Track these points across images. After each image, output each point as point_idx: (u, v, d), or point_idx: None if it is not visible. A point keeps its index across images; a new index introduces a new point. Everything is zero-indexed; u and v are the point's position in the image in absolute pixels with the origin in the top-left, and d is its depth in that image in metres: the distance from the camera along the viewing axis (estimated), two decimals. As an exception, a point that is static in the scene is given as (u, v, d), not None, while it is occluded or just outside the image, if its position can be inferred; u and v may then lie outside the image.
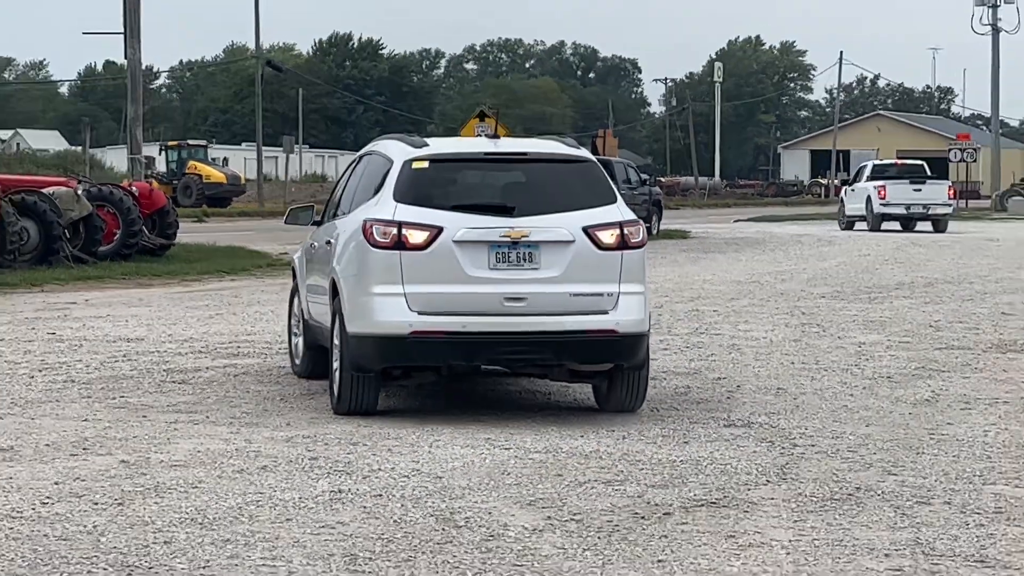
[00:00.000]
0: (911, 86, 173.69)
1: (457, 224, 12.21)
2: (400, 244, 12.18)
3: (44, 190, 34.21)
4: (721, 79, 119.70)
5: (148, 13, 45.05)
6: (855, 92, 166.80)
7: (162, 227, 38.08)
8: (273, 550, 8.86)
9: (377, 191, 13.25)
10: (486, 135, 14.08)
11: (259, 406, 15.00)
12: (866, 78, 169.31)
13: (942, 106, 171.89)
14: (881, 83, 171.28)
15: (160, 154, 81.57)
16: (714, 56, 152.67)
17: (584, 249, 12.38)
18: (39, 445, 12.62)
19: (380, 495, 10.64)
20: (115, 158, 67.04)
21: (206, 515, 9.82)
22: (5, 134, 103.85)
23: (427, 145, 13.23)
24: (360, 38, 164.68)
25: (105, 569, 8.35)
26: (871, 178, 72.32)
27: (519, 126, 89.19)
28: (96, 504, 10.13)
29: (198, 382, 16.96)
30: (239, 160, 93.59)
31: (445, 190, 12.88)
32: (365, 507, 10.21)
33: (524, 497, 10.56)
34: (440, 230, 12.15)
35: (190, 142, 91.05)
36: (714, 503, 10.27)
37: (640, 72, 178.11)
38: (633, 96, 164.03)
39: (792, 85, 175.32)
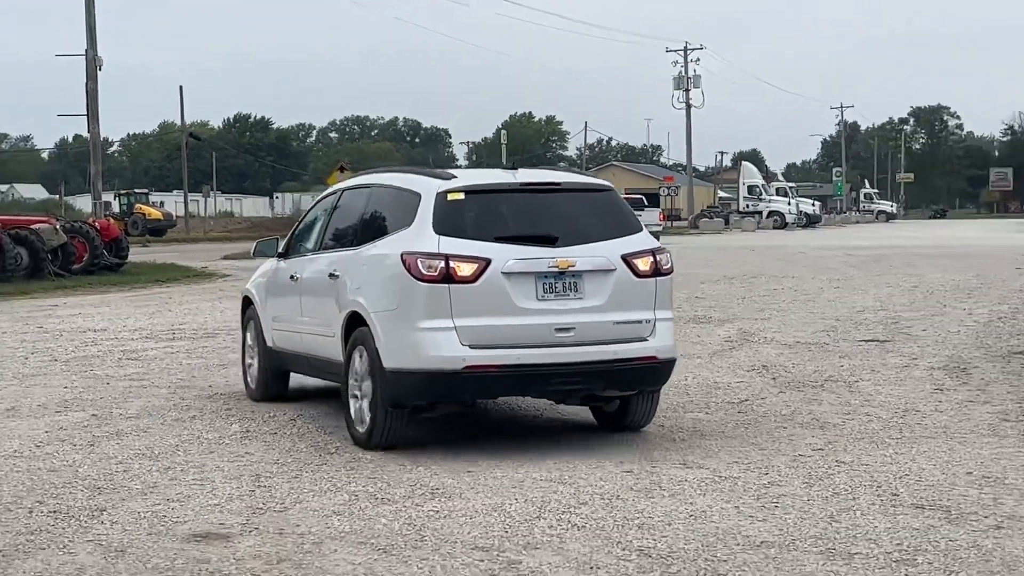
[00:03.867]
0: (634, 144, 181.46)
1: (504, 255, 9.92)
2: (448, 277, 9.81)
3: (32, 226, 37.06)
4: (506, 142, 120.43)
5: (103, 97, 46.17)
6: (596, 149, 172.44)
7: (117, 251, 40.14)
8: (201, 473, 9.91)
9: (403, 224, 10.58)
10: (504, 167, 11.35)
11: (189, 375, 15.92)
12: (603, 140, 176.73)
13: (654, 158, 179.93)
14: (614, 143, 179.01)
15: (115, 199, 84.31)
16: (500, 125, 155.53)
17: (624, 277, 10.26)
18: (33, 405, 13.52)
19: (275, 432, 11.67)
20: (83, 203, 68.58)
21: (153, 451, 10.85)
22: (4, 187, 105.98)
23: (455, 177, 10.67)
24: (255, 116, 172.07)
25: (82, 490, 9.37)
26: None
27: None
28: (75, 446, 11.13)
29: (145, 359, 17.77)
30: (171, 202, 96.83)
31: (484, 221, 10.35)
32: (266, 442, 11.21)
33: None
34: (488, 262, 9.85)
35: (136, 190, 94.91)
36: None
37: (451, 137, 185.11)
38: (446, 155, 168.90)
39: (554, 145, 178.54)
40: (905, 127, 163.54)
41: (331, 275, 11.40)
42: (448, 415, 11.27)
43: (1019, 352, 16.58)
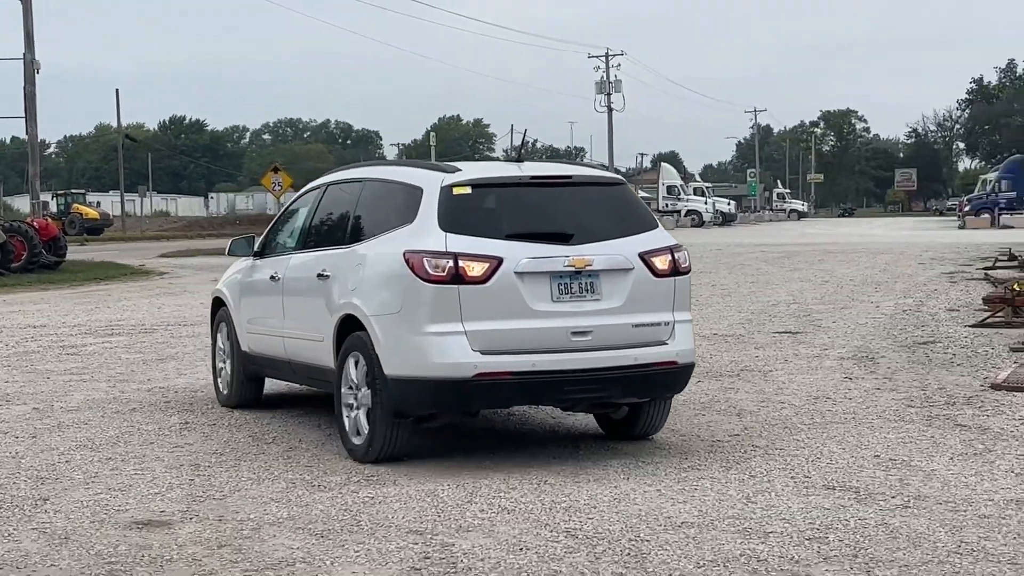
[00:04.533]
0: (559, 147, 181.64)
1: (517, 254, 8.82)
2: (458, 277, 8.69)
3: None
4: (435, 143, 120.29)
5: (41, 100, 45.83)
6: (522, 151, 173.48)
7: (55, 249, 39.73)
8: (142, 463, 9.90)
9: (404, 220, 9.44)
10: (508, 159, 10.26)
11: (128, 368, 15.82)
12: (529, 141, 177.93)
13: (578, 159, 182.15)
14: (539, 145, 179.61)
15: (52, 199, 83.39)
16: (430, 128, 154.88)
17: (642, 277, 9.20)
18: None
19: (214, 424, 11.64)
20: (21, 203, 67.90)
21: (94, 442, 10.80)
22: None
23: (460, 170, 9.51)
24: (189, 118, 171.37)
25: (25, 480, 9.36)
26: None
27: (300, 177, 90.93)
28: (17, 438, 11.08)
29: (84, 353, 17.66)
30: (108, 202, 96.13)
31: (493, 217, 9.29)
32: (204, 433, 11.19)
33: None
34: (500, 261, 8.74)
35: (73, 191, 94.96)
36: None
37: (381, 139, 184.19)
38: (377, 155, 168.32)
39: (481, 147, 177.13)
40: (815, 130, 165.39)
41: (319, 275, 10.21)
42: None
43: (923, 342, 16.80)
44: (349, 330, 9.58)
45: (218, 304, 12.74)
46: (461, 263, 8.74)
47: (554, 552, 7.23)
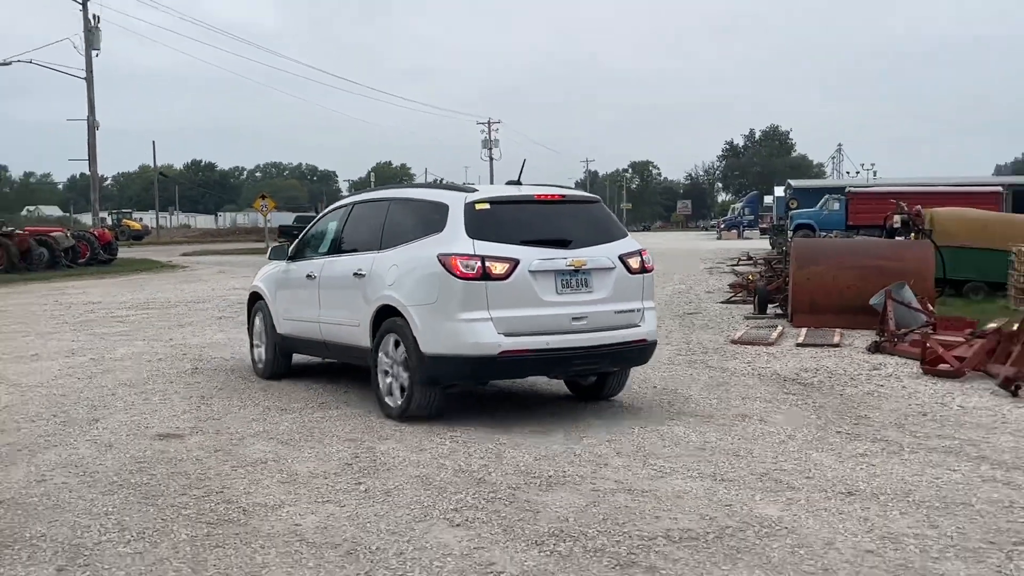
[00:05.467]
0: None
1: (530, 256, 8.24)
2: (485, 275, 8.07)
3: (51, 234, 36.87)
4: (374, 181, 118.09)
5: (100, 147, 45.60)
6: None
7: (109, 251, 39.28)
8: (165, 396, 9.92)
9: (433, 230, 8.59)
10: (508, 182, 9.62)
11: (157, 331, 15.63)
12: (438, 180, 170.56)
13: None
14: (444, 181, 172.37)
15: (108, 216, 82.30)
16: (370, 169, 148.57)
17: (621, 274, 8.64)
18: (51, 352, 13.24)
19: (215, 369, 11.59)
20: (86, 219, 66.91)
21: (132, 381, 10.80)
22: (32, 208, 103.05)
23: (477, 190, 8.87)
24: (204, 160, 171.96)
25: (83, 407, 9.38)
26: None
27: (281, 202, 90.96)
28: (79, 378, 11.03)
29: (127, 321, 17.46)
30: (147, 218, 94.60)
31: (508, 227, 8.52)
32: (208, 375, 11.18)
33: None
34: (517, 262, 8.17)
35: (123, 210, 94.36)
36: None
37: (337, 176, 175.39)
38: (335, 188, 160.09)
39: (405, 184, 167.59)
40: (626, 174, 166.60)
41: (356, 274, 9.25)
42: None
43: (689, 313, 17.13)
44: (385, 316, 8.77)
45: (255, 298, 11.44)
46: (487, 264, 8.09)
47: (441, 451, 7.47)
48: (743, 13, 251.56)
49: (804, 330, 13.75)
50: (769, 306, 16.79)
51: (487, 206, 8.52)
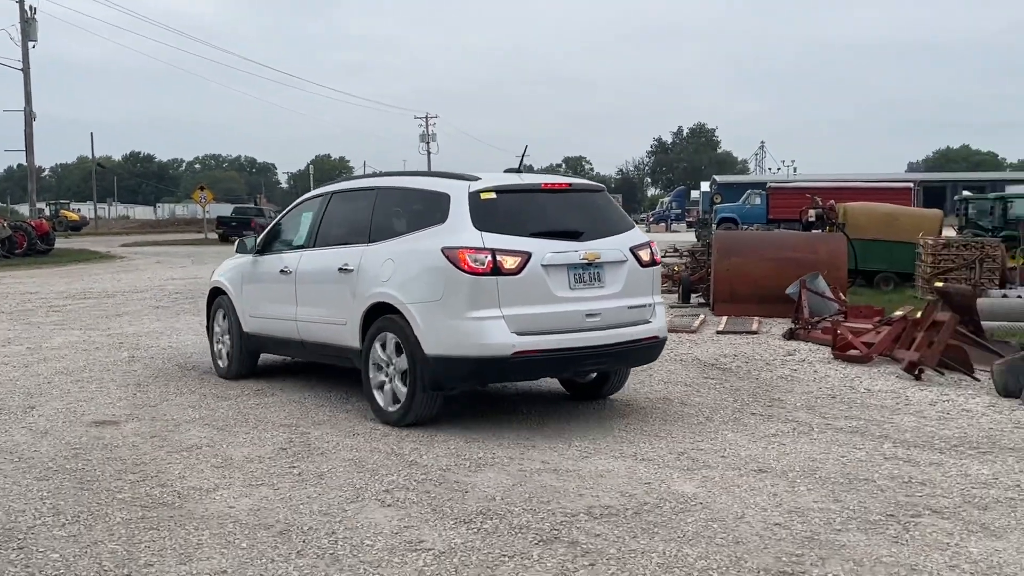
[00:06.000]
0: None
1: (542, 249, 7.36)
2: (496, 270, 7.16)
3: None
4: (313, 173, 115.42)
5: (36, 137, 44.85)
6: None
7: (47, 241, 38.41)
8: (100, 383, 9.77)
9: (432, 221, 7.64)
10: (509, 170, 8.72)
11: (94, 320, 15.40)
12: (377, 173, 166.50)
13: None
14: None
15: (46, 206, 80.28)
16: (309, 162, 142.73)
17: (632, 267, 7.83)
18: None
19: (152, 358, 11.41)
20: (23, 210, 64.94)
21: (68, 369, 10.61)
22: None
23: (480, 179, 7.74)
24: (143, 152, 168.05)
25: (19, 395, 9.22)
26: None
27: (220, 193, 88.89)
28: (14, 367, 10.83)
29: (64, 311, 17.14)
30: (86, 209, 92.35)
31: (516, 218, 7.60)
32: (146, 363, 11.00)
33: None
34: (529, 255, 7.28)
35: (60, 201, 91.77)
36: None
37: (276, 169, 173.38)
38: (274, 180, 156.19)
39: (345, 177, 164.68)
40: (560, 168, 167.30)
41: (341, 269, 8.28)
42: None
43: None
44: (377, 315, 7.87)
45: (215, 293, 10.36)
46: (498, 257, 7.20)
47: (374, 436, 7.49)
48: (674, 19, 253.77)
49: (725, 318, 13.99)
50: (692, 295, 17.02)
51: (493, 195, 7.61)
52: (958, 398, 8.73)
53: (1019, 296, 14.09)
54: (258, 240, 9.90)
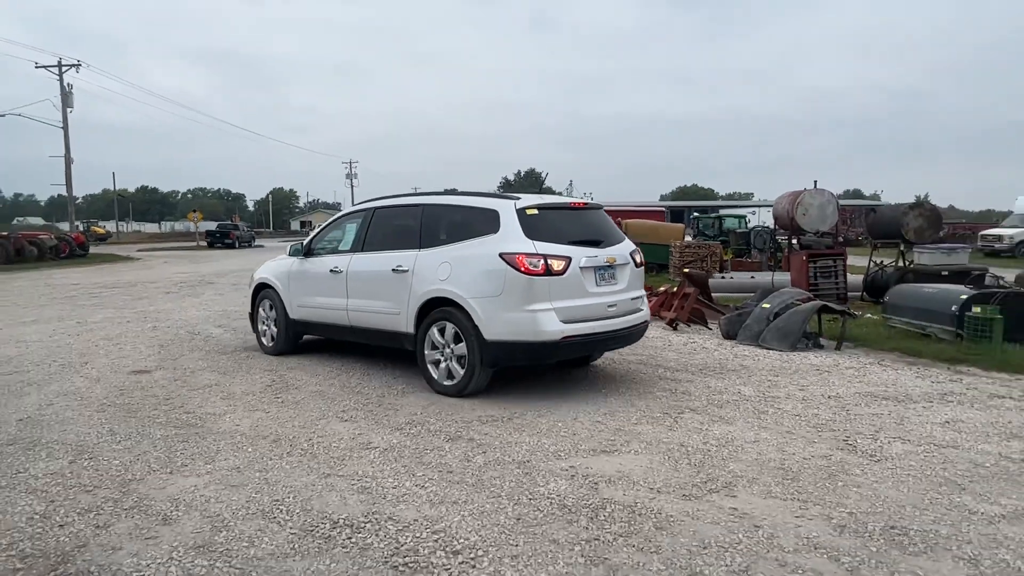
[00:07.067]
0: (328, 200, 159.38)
1: (579, 254, 6.45)
2: (548, 271, 6.22)
3: (38, 236, 33.09)
4: (272, 202, 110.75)
5: (74, 174, 41.22)
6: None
7: (83, 248, 35.62)
8: (134, 345, 9.14)
9: (485, 232, 6.51)
10: (533, 192, 6.44)
11: (124, 302, 14.30)
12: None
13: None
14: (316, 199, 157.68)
15: (80, 224, 74.12)
16: (269, 193, 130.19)
17: (631, 268, 6.92)
18: (46, 318, 11.81)
19: (170, 327, 10.70)
20: (64, 226, 60.04)
21: (108, 336, 9.90)
22: (20, 219, 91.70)
23: (520, 198, 6.73)
24: (150, 185, 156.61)
25: (75, 355, 8.57)
26: None
27: (208, 215, 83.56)
28: (69, 335, 10.02)
29: (101, 296, 15.82)
30: (110, 225, 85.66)
31: (555, 230, 6.59)
32: (167, 331, 10.29)
33: None
34: (570, 260, 6.36)
35: (90, 220, 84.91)
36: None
37: (246, 197, 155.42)
38: (244, 206, 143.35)
39: (293, 205, 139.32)
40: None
41: (395, 270, 7.00)
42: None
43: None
44: (433, 307, 6.67)
45: (261, 287, 8.81)
46: (549, 261, 6.26)
47: (330, 375, 7.31)
48: (517, 98, 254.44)
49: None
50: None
51: (536, 211, 6.61)
52: (700, 340, 9.14)
53: (731, 277, 14.82)
54: (304, 246, 8.37)
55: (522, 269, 6.23)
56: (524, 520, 3.86)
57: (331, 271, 7.79)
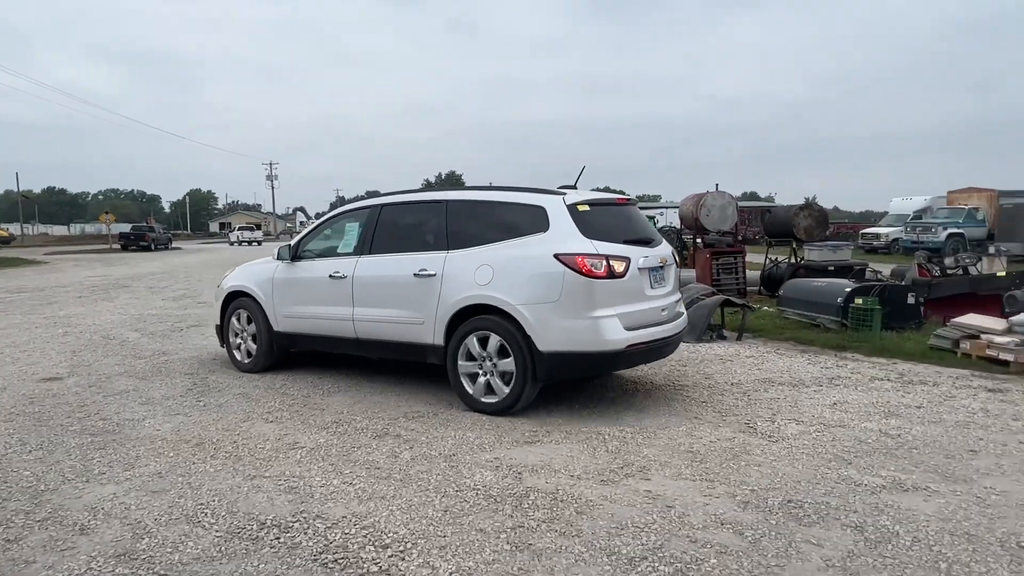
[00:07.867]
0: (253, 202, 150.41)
1: (637, 255, 5.69)
2: (611, 273, 5.43)
3: None
4: (190, 203, 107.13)
5: None
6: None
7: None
8: (43, 352, 8.66)
9: (533, 230, 5.61)
10: (562, 186, 6.24)
11: (32, 307, 13.45)
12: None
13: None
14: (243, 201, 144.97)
15: (-18, 228, 68.96)
16: (187, 194, 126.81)
17: (673, 268, 6.15)
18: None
19: (82, 332, 10.22)
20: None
21: (16, 343, 9.31)
22: None
23: (566, 193, 5.82)
24: (58, 187, 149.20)
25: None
26: None
27: (121, 217, 79.40)
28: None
29: (6, 301, 14.75)
30: (14, 227, 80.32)
31: (607, 228, 5.74)
32: (77, 337, 9.84)
33: None
34: (630, 261, 5.59)
35: None
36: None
37: (161, 198, 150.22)
38: (159, 207, 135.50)
39: (212, 207, 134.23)
40: (364, 198, 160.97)
41: (418, 274, 5.98)
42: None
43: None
44: (465, 316, 5.78)
45: (233, 296, 7.49)
46: (611, 263, 5.47)
47: (255, 377, 7.15)
48: (431, 103, 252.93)
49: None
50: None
51: (587, 207, 5.76)
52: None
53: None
54: (291, 249, 7.12)
55: (583, 271, 5.39)
56: (451, 511, 3.90)
57: (330, 276, 6.62)
